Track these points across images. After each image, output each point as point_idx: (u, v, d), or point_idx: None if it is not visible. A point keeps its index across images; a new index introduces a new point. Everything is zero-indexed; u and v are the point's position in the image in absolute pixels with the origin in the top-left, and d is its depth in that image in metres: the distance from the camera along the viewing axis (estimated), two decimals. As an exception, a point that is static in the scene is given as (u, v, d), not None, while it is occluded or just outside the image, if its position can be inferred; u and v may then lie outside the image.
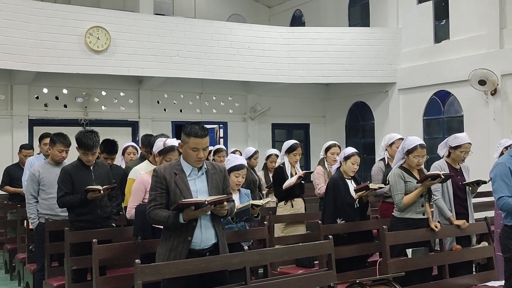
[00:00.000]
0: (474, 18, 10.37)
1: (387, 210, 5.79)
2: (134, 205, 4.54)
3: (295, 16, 14.83)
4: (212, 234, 3.71)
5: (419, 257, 4.84)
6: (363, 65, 11.78)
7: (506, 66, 9.65)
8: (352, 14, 13.35)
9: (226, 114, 12.86)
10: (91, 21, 9.92)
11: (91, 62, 9.91)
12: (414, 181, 5.01)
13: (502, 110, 9.73)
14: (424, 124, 11.48)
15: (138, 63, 10.30)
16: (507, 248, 4.36)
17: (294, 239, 5.99)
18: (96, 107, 11.32)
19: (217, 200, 3.53)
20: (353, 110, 13.45)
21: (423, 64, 11.31)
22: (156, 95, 11.97)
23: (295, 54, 11.65)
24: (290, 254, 4.27)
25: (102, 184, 5.14)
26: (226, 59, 11.06)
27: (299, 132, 13.93)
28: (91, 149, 5.10)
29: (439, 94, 11.18)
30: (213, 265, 3.60)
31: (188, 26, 10.88)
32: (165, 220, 3.57)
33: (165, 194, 3.63)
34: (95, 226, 5.09)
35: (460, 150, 5.26)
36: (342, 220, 5.48)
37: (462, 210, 5.28)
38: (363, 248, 5.46)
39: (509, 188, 4.30)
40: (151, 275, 3.41)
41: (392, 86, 12.01)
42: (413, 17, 11.68)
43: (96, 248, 4.14)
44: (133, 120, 11.72)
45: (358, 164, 5.66)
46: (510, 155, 4.45)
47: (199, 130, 3.62)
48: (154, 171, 3.72)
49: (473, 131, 9.41)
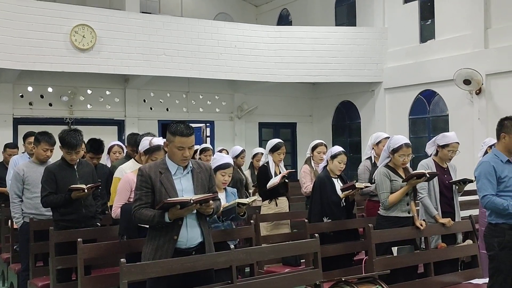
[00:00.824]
0: (459, 18, 10.45)
1: (373, 209, 5.82)
2: (119, 204, 4.51)
3: (282, 15, 14.84)
4: (198, 233, 3.70)
5: (404, 255, 4.88)
6: (349, 64, 11.82)
7: (490, 66, 9.74)
8: (339, 14, 13.38)
9: (213, 113, 12.84)
10: (77, 19, 9.83)
11: (77, 61, 9.83)
12: (400, 179, 5.04)
13: (486, 109, 9.82)
14: (410, 123, 11.56)
15: (124, 61, 10.24)
16: (491, 246, 4.41)
17: (280, 238, 6.00)
18: (81, 105, 11.23)
19: (202, 199, 3.52)
20: (339, 109, 13.50)
21: (409, 63, 11.38)
22: (142, 94, 11.91)
23: (282, 53, 11.66)
24: (276, 253, 4.28)
25: (86, 183, 5.10)
26: (213, 58, 11.03)
27: (286, 131, 13.95)
28: (75, 148, 5.06)
29: (424, 93, 11.26)
30: (199, 264, 3.59)
31: (174, 24, 10.84)
32: (151, 220, 3.56)
33: (151, 193, 3.61)
34: (80, 226, 5.05)
35: (448, 149, 5.29)
36: (328, 219, 5.50)
37: (448, 209, 5.32)
38: (349, 247, 5.49)
39: (493, 187, 4.35)
40: (137, 275, 3.39)
41: (378, 86, 12.07)
42: (399, 17, 11.74)
43: (81, 247, 4.11)
44: (119, 119, 11.65)
45: (345, 163, 5.68)
46: (494, 154, 4.50)
47: (184, 129, 3.61)
48: (139, 170, 3.70)
49: (458, 130, 9.41)
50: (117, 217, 4.56)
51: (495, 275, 4.37)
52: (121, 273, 3.31)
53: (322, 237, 5.21)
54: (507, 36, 9.60)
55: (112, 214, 4.65)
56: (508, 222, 4.31)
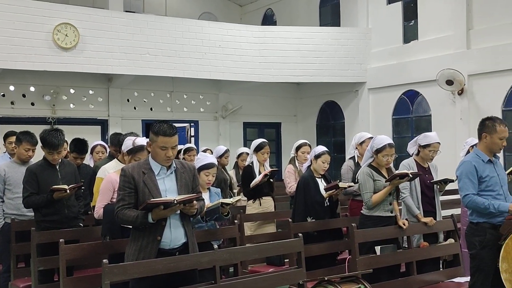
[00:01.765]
0: (442, 19, 10.55)
1: (356, 208, 5.85)
2: (102, 204, 4.48)
3: (267, 15, 14.86)
4: (182, 234, 3.69)
5: (387, 254, 4.91)
6: (333, 64, 11.87)
7: (472, 67, 9.85)
8: (323, 14, 13.43)
9: (197, 112, 12.81)
10: (59, 18, 9.73)
11: (59, 59, 9.73)
12: (383, 179, 5.07)
13: (468, 109, 9.93)
14: (393, 123, 11.64)
15: (108, 60, 10.16)
16: (472, 244, 4.46)
17: (264, 238, 6.01)
18: (64, 105, 11.13)
19: (186, 199, 3.51)
20: (324, 109, 13.55)
21: (392, 64, 11.46)
22: (126, 93, 11.84)
23: (267, 53, 11.66)
24: (260, 252, 4.28)
25: (69, 183, 5.06)
26: (197, 58, 10.99)
27: (271, 131, 13.97)
28: (56, 148, 5.00)
29: (407, 93, 11.35)
30: (182, 264, 3.58)
31: (158, 23, 10.78)
32: (134, 220, 3.53)
33: (134, 193, 3.59)
34: (62, 226, 5.01)
35: (429, 149, 5.34)
36: (312, 218, 5.52)
37: (430, 208, 5.37)
38: (333, 246, 5.52)
39: (475, 186, 4.40)
40: (119, 275, 3.38)
41: (362, 86, 12.14)
42: (382, 18, 11.82)
43: (63, 248, 4.08)
44: (103, 118, 11.57)
45: (328, 163, 5.71)
46: (475, 154, 4.55)
47: (168, 128, 3.60)
48: (122, 170, 3.68)
49: (441, 130, 9.57)
50: (99, 218, 4.53)
51: (476, 273, 4.42)
52: (103, 274, 3.29)
53: (306, 236, 5.23)
54: (489, 37, 9.71)
55: (95, 214, 4.62)
56: (489, 221, 4.36)
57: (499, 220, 4.31)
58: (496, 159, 4.60)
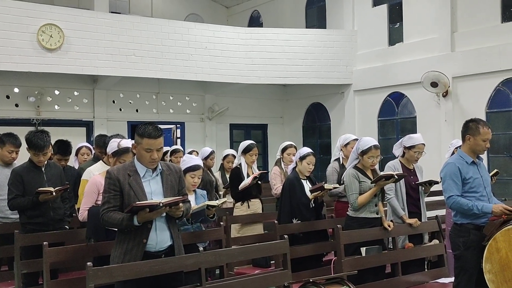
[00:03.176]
0: (426, 21, 10.64)
1: (342, 210, 5.87)
2: (86, 207, 4.45)
3: (253, 16, 14.87)
4: (167, 236, 3.67)
5: (372, 255, 4.93)
6: (319, 66, 11.91)
7: (457, 69, 9.94)
8: (309, 16, 13.48)
9: (184, 114, 12.78)
10: (44, 19, 9.66)
11: (44, 61, 9.66)
12: (368, 181, 5.10)
13: (453, 111, 10.02)
14: (379, 125, 11.71)
15: (93, 62, 10.10)
16: (456, 245, 4.49)
17: (251, 240, 6.00)
18: (49, 106, 11.04)
19: (172, 202, 3.50)
20: (310, 111, 13.58)
21: (378, 66, 11.53)
22: (111, 95, 11.77)
23: (253, 54, 11.68)
24: (246, 254, 4.28)
25: (55, 185, 5.03)
26: (183, 59, 10.97)
27: (257, 133, 13.97)
28: (42, 149, 4.98)
29: (393, 95, 11.43)
30: (168, 266, 3.56)
31: (144, 25, 10.74)
32: (119, 223, 3.51)
33: (119, 196, 3.57)
34: (48, 229, 4.98)
35: (414, 150, 5.38)
36: (298, 220, 5.53)
37: (415, 209, 5.40)
38: (318, 247, 5.53)
39: (459, 187, 4.43)
40: (104, 278, 3.35)
41: (348, 88, 12.20)
42: (368, 20, 11.88)
43: (47, 251, 4.04)
44: (88, 120, 11.49)
45: (314, 164, 5.73)
46: (459, 156, 4.59)
47: (153, 130, 3.58)
48: (107, 172, 3.65)
49: (426, 132, 9.62)
50: (84, 220, 4.50)
51: (460, 274, 4.45)
52: (87, 277, 3.27)
53: (292, 238, 5.26)
54: (473, 39, 9.81)
55: (79, 217, 4.59)
56: (473, 222, 4.40)
57: (482, 221, 4.35)
58: (479, 160, 4.65)
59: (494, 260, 3.98)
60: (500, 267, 3.94)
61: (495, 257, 3.98)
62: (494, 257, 3.98)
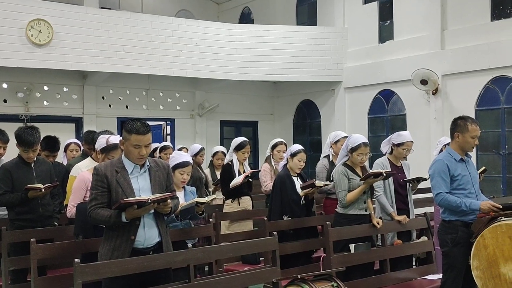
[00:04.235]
0: (417, 19, 10.67)
1: (331, 206, 5.88)
2: (74, 203, 4.42)
3: (244, 13, 14.84)
4: (156, 233, 3.66)
5: (361, 252, 4.95)
6: (310, 63, 11.91)
7: (446, 67, 9.99)
8: (300, 13, 13.48)
9: (174, 110, 12.73)
10: (33, 14, 9.57)
11: (33, 56, 9.58)
12: (358, 178, 5.11)
13: (442, 109, 10.07)
14: (369, 122, 11.74)
15: (82, 57, 10.02)
16: (444, 242, 4.52)
17: (240, 236, 6.00)
18: (38, 102, 10.96)
19: (160, 198, 3.48)
20: (300, 108, 13.59)
21: (368, 63, 11.55)
22: (101, 91, 11.71)
23: (243, 51, 11.66)
24: (235, 251, 4.27)
25: (44, 182, 5.01)
26: (174, 55, 10.92)
27: (248, 130, 13.96)
28: (32, 145, 4.95)
29: (383, 93, 11.46)
30: (156, 263, 3.55)
31: (134, 20, 10.68)
32: (107, 220, 3.49)
33: (107, 193, 3.54)
34: (37, 225, 4.97)
35: (402, 148, 5.40)
36: (288, 216, 5.53)
37: (403, 206, 5.43)
38: (307, 244, 5.54)
39: (447, 185, 4.46)
40: (91, 275, 3.33)
41: (338, 85, 12.21)
42: (359, 17, 11.90)
43: (34, 247, 4.01)
44: (77, 116, 11.42)
45: (304, 161, 5.73)
46: (448, 153, 4.61)
47: (141, 126, 3.56)
48: (94, 169, 3.63)
49: (415, 129, 9.70)
50: (72, 217, 4.47)
51: (448, 270, 4.48)
52: (74, 274, 3.25)
53: (283, 235, 5.26)
54: (462, 37, 9.86)
55: (67, 213, 4.56)
56: (461, 219, 4.43)
57: (470, 218, 4.38)
58: (468, 158, 4.67)
59: (481, 256, 4.01)
60: (488, 264, 3.97)
61: (482, 253, 4.00)
62: (481, 253, 4.01)
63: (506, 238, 3.89)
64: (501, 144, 9.49)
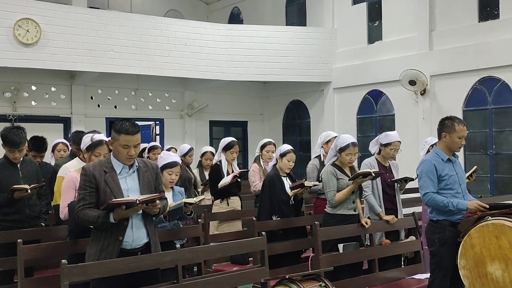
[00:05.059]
0: (405, 20, 10.74)
1: (321, 207, 5.88)
2: (66, 203, 4.37)
3: (233, 13, 14.84)
4: (144, 234, 3.64)
5: (350, 252, 4.97)
6: (299, 64, 11.94)
7: (435, 67, 10.05)
8: (289, 13, 13.50)
9: (163, 110, 12.70)
10: (21, 13, 9.51)
11: (20, 56, 9.52)
12: (346, 178, 5.12)
13: (431, 109, 10.13)
14: (358, 122, 11.79)
15: (71, 57, 9.97)
16: (432, 242, 4.54)
17: (229, 237, 5.99)
18: (25, 102, 10.89)
19: (149, 199, 3.46)
20: (290, 108, 13.62)
21: (357, 64, 11.60)
22: (89, 91, 11.65)
23: (233, 51, 11.65)
24: (223, 251, 4.27)
25: (30, 182, 4.96)
26: (163, 55, 10.90)
27: (237, 130, 13.96)
28: (18, 146, 4.91)
29: (372, 93, 11.51)
30: (144, 264, 3.54)
31: (123, 20, 10.64)
32: (95, 220, 3.46)
33: (95, 193, 3.52)
34: (23, 226, 4.93)
35: (390, 148, 5.42)
36: (277, 217, 5.53)
37: (391, 206, 5.45)
38: (296, 244, 5.54)
39: (434, 185, 4.48)
40: (79, 276, 3.31)
41: (328, 85, 12.25)
42: (348, 18, 11.95)
43: (21, 248, 3.97)
44: (65, 116, 11.36)
45: (294, 161, 5.73)
46: (435, 153, 4.64)
47: (130, 126, 3.53)
48: (82, 169, 3.60)
49: (404, 130, 9.76)
50: (65, 218, 4.40)
51: (436, 270, 4.51)
52: (61, 274, 3.23)
53: (272, 235, 5.27)
54: (450, 38, 9.93)
55: (60, 214, 4.48)
56: (448, 218, 4.45)
57: (457, 217, 4.40)
58: (455, 158, 4.70)
59: (468, 256, 4.03)
60: (475, 263, 4.00)
61: (469, 253, 4.03)
62: (468, 253, 4.03)
63: (492, 237, 3.92)
64: (489, 144, 9.57)
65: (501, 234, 3.88)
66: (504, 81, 9.29)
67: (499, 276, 3.86)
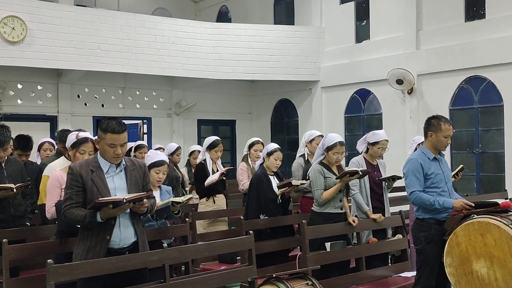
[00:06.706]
0: (392, 19, 10.79)
1: (307, 205, 5.90)
2: (52, 203, 4.33)
3: (221, 12, 14.81)
4: (132, 233, 3.63)
5: (337, 250, 4.99)
6: (287, 62, 11.95)
7: (421, 67, 10.11)
8: (277, 12, 13.51)
9: (150, 109, 12.65)
10: (6, 10, 9.41)
11: (6, 54, 9.42)
12: (334, 176, 5.14)
13: (418, 108, 10.20)
14: (346, 121, 11.83)
15: (57, 55, 9.89)
16: (418, 240, 4.57)
17: (217, 236, 5.99)
18: (11, 100, 10.79)
19: (136, 198, 3.45)
20: (278, 107, 13.63)
21: (345, 63, 11.64)
22: (76, 89, 11.57)
23: (221, 50, 11.64)
24: (210, 250, 4.26)
25: (15, 181, 4.92)
26: (150, 54, 10.86)
27: (225, 128, 13.94)
28: (2, 145, 4.87)
29: (359, 92, 11.55)
30: (131, 263, 3.52)
31: (110, 18, 10.58)
32: (82, 220, 3.44)
33: (81, 192, 3.50)
34: (8, 226, 4.88)
35: (378, 147, 5.45)
36: (265, 215, 5.54)
37: (379, 205, 5.48)
38: (284, 243, 5.56)
39: (421, 183, 4.51)
40: (65, 275, 3.28)
41: (315, 84, 12.27)
42: (335, 17, 11.98)
43: (6, 248, 3.94)
44: (52, 114, 11.27)
45: (281, 160, 5.75)
46: (421, 152, 4.67)
47: (116, 125, 3.52)
48: (69, 168, 3.58)
49: (391, 129, 9.81)
50: (53, 217, 4.37)
51: (422, 268, 4.54)
52: (47, 274, 3.20)
53: (259, 234, 5.27)
54: (437, 37, 10.00)
55: (47, 214, 4.45)
56: (434, 217, 4.48)
57: (443, 216, 4.43)
58: (441, 156, 4.73)
59: (454, 254, 4.06)
60: (460, 261, 4.03)
61: (455, 251, 4.06)
62: (454, 251, 4.06)
63: (478, 235, 3.95)
64: (475, 143, 9.65)
65: (486, 232, 3.91)
66: (490, 81, 9.37)
67: (484, 273, 3.90)
